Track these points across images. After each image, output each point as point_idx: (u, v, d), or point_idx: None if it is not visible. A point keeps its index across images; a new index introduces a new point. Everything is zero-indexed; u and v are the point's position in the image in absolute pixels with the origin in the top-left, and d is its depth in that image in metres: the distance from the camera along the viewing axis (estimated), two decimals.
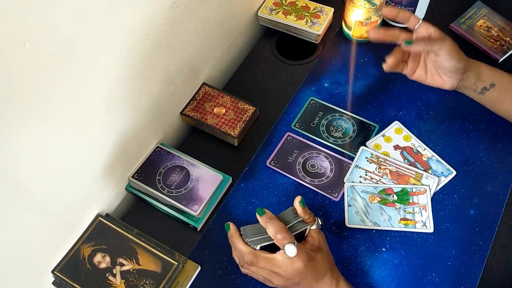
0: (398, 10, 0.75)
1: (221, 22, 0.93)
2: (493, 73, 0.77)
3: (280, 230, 0.62)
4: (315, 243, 0.66)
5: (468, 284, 0.72)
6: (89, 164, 0.73)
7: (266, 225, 0.63)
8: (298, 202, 0.68)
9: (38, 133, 0.60)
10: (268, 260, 0.63)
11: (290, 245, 0.61)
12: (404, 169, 0.83)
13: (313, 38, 0.99)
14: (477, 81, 0.77)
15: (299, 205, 0.68)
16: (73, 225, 0.75)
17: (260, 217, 0.64)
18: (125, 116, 0.76)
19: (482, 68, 0.77)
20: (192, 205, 0.79)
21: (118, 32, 0.66)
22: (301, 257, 0.62)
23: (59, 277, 0.73)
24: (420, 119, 0.89)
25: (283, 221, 0.65)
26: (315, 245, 0.66)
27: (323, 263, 0.65)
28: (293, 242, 0.62)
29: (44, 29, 0.54)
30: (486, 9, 1.01)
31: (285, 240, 0.62)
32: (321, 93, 0.93)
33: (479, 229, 0.77)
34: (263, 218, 0.64)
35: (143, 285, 0.72)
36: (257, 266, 0.64)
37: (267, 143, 0.88)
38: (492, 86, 0.77)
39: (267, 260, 0.63)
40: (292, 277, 0.63)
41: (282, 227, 0.63)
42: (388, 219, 0.78)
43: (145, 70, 0.75)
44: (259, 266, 0.64)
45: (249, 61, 1.00)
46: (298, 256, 0.62)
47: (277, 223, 0.63)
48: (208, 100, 0.91)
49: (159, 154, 0.85)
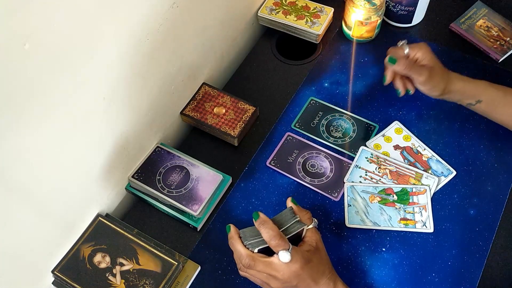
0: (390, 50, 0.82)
1: (221, 22, 0.93)
2: (477, 90, 0.80)
3: (274, 236, 0.62)
4: (313, 244, 0.66)
5: (468, 284, 0.72)
6: (89, 164, 0.73)
7: (260, 229, 0.63)
8: (291, 201, 0.68)
9: (38, 133, 0.60)
10: (265, 264, 0.63)
11: (283, 252, 0.62)
12: (404, 169, 0.83)
13: (313, 38, 0.99)
14: (461, 99, 0.81)
15: (294, 204, 0.68)
16: (73, 225, 0.75)
17: (255, 221, 0.64)
18: (125, 116, 0.76)
19: (465, 87, 0.80)
20: (192, 205, 0.79)
21: (118, 32, 0.66)
22: (298, 260, 0.62)
23: (59, 277, 0.73)
24: (420, 119, 0.89)
25: (280, 222, 0.65)
26: (312, 245, 0.66)
27: (320, 264, 0.65)
28: (287, 248, 0.62)
29: (44, 29, 0.54)
30: (486, 9, 1.01)
31: (279, 247, 0.62)
32: (321, 93, 0.93)
33: (479, 229, 0.77)
34: (257, 223, 0.64)
35: (143, 285, 0.72)
36: (254, 269, 0.64)
37: (267, 143, 0.88)
38: (478, 102, 0.80)
39: (265, 263, 0.63)
40: (290, 280, 0.63)
41: (276, 234, 0.62)
42: (388, 219, 0.78)
43: (145, 70, 0.75)
44: (256, 269, 0.64)
45: (249, 61, 1.00)
46: (295, 259, 0.62)
47: (271, 228, 0.62)
48: (208, 100, 0.91)
49: (159, 154, 0.85)
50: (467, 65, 0.95)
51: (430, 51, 0.80)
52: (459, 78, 0.81)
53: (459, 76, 0.81)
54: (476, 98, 0.80)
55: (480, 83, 0.81)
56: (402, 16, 1.00)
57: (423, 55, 0.80)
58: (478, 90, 0.80)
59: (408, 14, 0.99)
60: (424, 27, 1.02)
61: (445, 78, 0.80)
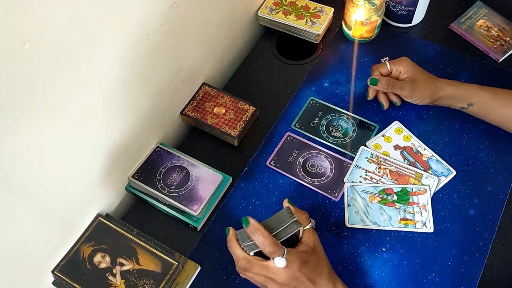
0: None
1: (221, 22, 0.93)
2: (467, 93, 0.82)
3: (268, 244, 0.61)
4: (310, 244, 0.66)
5: (468, 284, 0.72)
6: (89, 164, 0.73)
7: (252, 237, 0.63)
8: (288, 202, 0.68)
9: (38, 133, 0.60)
10: (262, 267, 0.63)
11: (278, 258, 0.62)
12: (404, 169, 0.83)
13: (313, 38, 0.99)
14: (453, 103, 0.84)
15: (290, 204, 0.68)
16: (73, 225, 0.75)
17: (246, 228, 0.64)
18: (125, 116, 0.76)
19: (455, 92, 0.82)
20: (192, 205, 0.79)
21: (118, 32, 0.66)
22: (294, 263, 0.62)
23: (59, 277, 0.73)
24: (420, 119, 0.89)
25: (278, 222, 0.65)
26: (309, 246, 0.66)
27: (318, 265, 0.65)
28: (282, 254, 0.62)
29: (44, 29, 0.54)
30: (486, 9, 1.01)
31: (273, 254, 0.62)
32: (321, 93, 0.93)
33: (479, 229, 0.77)
34: (248, 230, 0.63)
35: (143, 285, 0.72)
36: (251, 272, 0.64)
37: (267, 143, 0.88)
38: (470, 105, 0.82)
39: (261, 266, 0.63)
40: (288, 282, 0.63)
41: (269, 241, 0.61)
42: (388, 219, 0.78)
43: (145, 70, 0.75)
44: (253, 272, 0.64)
45: (249, 61, 1.00)
46: (291, 262, 0.62)
47: (263, 235, 0.62)
48: (208, 100, 0.91)
49: (159, 154, 0.85)
50: (467, 65, 0.95)
51: (411, 64, 0.85)
52: (448, 84, 0.83)
53: (448, 82, 0.83)
54: (467, 101, 0.82)
55: (470, 86, 0.83)
56: (402, 16, 1.00)
57: (404, 68, 0.84)
58: (468, 94, 0.82)
59: (408, 14, 0.99)
60: (424, 27, 1.02)
61: (431, 87, 0.83)
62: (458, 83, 0.83)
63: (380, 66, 0.86)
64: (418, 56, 0.96)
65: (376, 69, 0.86)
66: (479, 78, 0.92)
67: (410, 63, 0.85)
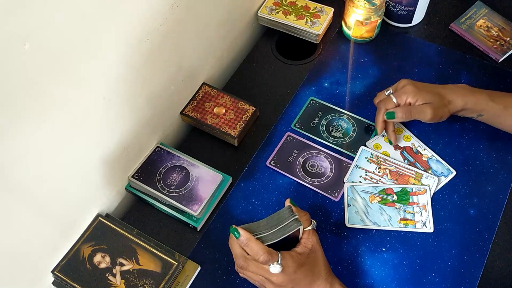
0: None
1: (221, 22, 0.93)
2: (479, 106, 0.80)
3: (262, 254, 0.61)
4: (308, 246, 0.66)
5: (468, 284, 0.72)
6: (89, 164, 0.73)
7: (245, 248, 0.63)
8: (289, 202, 0.68)
9: (38, 133, 0.60)
10: (259, 267, 0.63)
11: (273, 265, 0.62)
12: (404, 169, 0.83)
13: (313, 38, 0.99)
14: (464, 114, 0.82)
15: (292, 204, 0.68)
16: (73, 225, 0.75)
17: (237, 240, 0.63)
18: (125, 116, 0.76)
19: (467, 106, 0.79)
20: (192, 205, 0.79)
21: (118, 32, 0.66)
22: (290, 267, 0.63)
23: (59, 277, 0.73)
24: None
25: (279, 220, 0.65)
26: (307, 247, 0.66)
27: (315, 266, 0.66)
28: (276, 260, 0.62)
29: (44, 29, 0.54)
30: (486, 9, 1.01)
31: (268, 262, 0.62)
32: (321, 93, 0.93)
33: (479, 229, 0.77)
34: (240, 242, 0.63)
35: (143, 285, 0.72)
36: (247, 270, 0.64)
37: (267, 143, 0.88)
38: (480, 116, 0.81)
39: (258, 266, 0.63)
40: (285, 284, 0.63)
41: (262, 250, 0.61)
42: (388, 219, 0.78)
43: (145, 70, 0.75)
44: (250, 270, 0.64)
45: (249, 61, 1.00)
46: (286, 266, 0.62)
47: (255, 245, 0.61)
48: (208, 100, 0.91)
49: (159, 154, 0.85)
50: (467, 65, 0.95)
51: (416, 90, 0.78)
52: (458, 95, 0.79)
53: (458, 92, 0.79)
54: (478, 112, 0.81)
55: (481, 97, 0.79)
56: (402, 16, 1.00)
57: (413, 97, 0.78)
58: (479, 107, 0.79)
59: (408, 14, 0.99)
60: (424, 27, 1.02)
61: (445, 103, 0.79)
62: (467, 92, 0.79)
63: (386, 102, 0.80)
64: (418, 56, 0.97)
65: (383, 106, 0.80)
66: (479, 78, 0.92)
67: (414, 90, 0.78)
